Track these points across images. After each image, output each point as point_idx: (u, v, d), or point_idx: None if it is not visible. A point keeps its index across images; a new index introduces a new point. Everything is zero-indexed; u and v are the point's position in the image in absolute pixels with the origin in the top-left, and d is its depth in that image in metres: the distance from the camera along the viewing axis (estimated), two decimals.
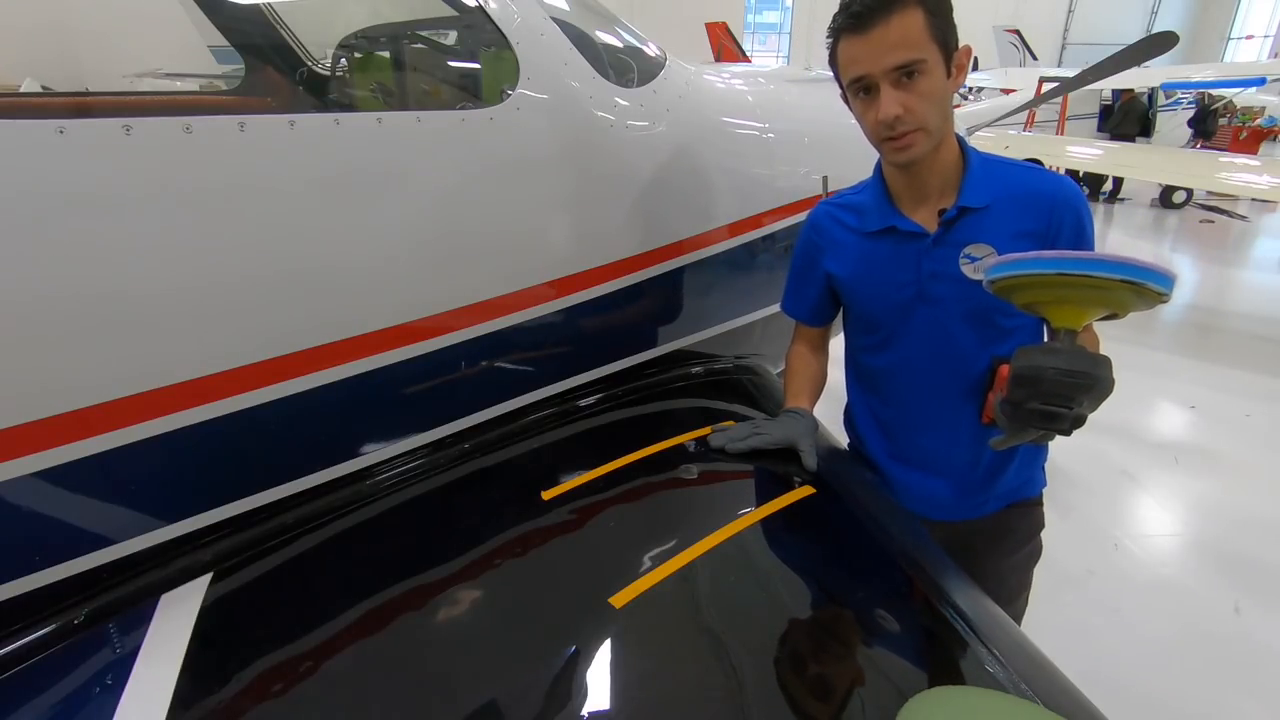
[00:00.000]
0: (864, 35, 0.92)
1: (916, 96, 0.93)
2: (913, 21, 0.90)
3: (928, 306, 1.09)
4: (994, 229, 1.03)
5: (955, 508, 1.20)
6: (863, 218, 1.13)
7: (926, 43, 0.91)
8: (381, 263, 1.01)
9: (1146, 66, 7.54)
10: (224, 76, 2.28)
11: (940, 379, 1.12)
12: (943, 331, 1.09)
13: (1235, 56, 19.81)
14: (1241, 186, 5.48)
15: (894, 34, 0.90)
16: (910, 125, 0.94)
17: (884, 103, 0.93)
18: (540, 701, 0.74)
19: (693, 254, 1.45)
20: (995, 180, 1.04)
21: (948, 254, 1.05)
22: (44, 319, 0.76)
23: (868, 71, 0.93)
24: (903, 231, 1.07)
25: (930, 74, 0.93)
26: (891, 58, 0.91)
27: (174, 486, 0.92)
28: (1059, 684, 0.77)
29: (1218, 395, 3.85)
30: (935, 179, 1.05)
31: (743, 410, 1.43)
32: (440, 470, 1.15)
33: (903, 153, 0.98)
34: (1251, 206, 9.06)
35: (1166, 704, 1.95)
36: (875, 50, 0.92)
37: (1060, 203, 1.03)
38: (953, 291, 1.05)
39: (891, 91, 0.93)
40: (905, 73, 0.92)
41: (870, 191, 1.14)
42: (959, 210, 1.03)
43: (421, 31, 1.77)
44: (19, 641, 0.82)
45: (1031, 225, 1.03)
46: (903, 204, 1.09)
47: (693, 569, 0.89)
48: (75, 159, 0.75)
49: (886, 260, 1.10)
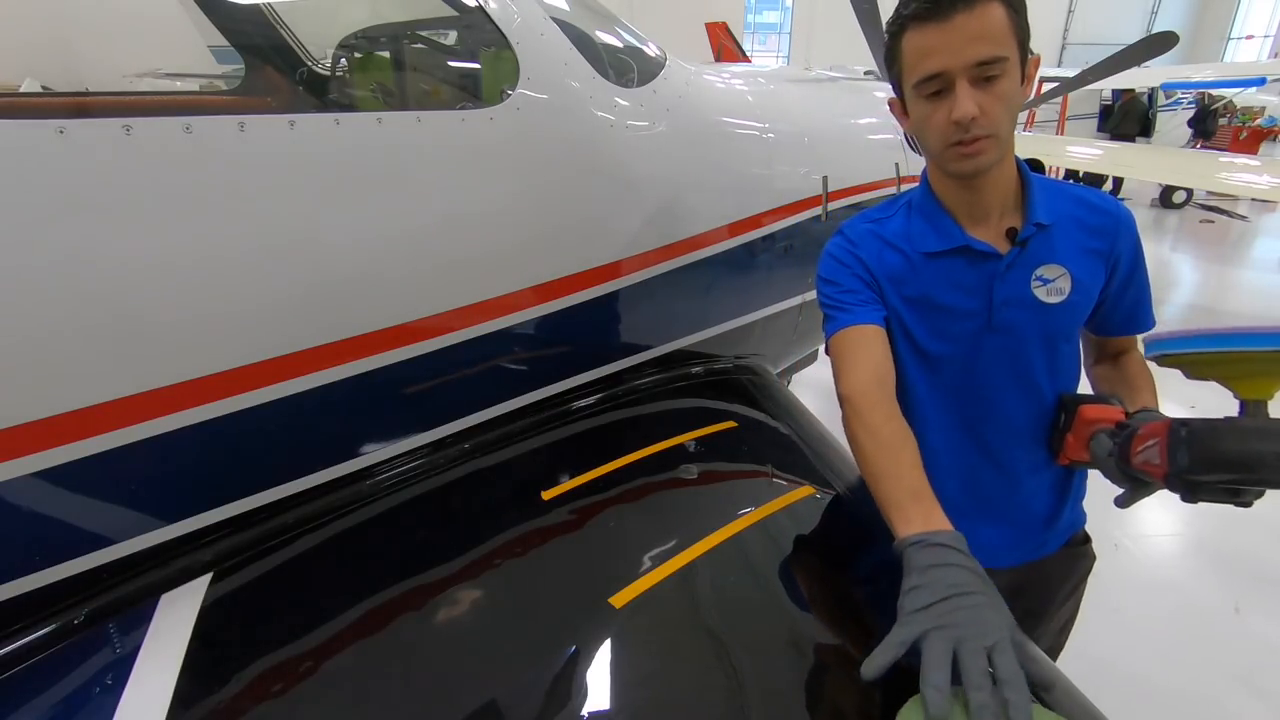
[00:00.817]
0: (943, 24, 0.82)
1: (994, 98, 0.83)
2: (997, 14, 0.81)
3: (998, 335, 0.98)
4: (1063, 249, 0.96)
5: (1013, 552, 1.11)
6: (914, 237, 0.99)
7: (1009, 40, 0.83)
8: (382, 263, 1.01)
9: (1146, 66, 7.55)
10: (224, 76, 2.28)
11: (1009, 416, 1.02)
12: (1014, 363, 0.99)
13: (1235, 56, 19.80)
14: (1241, 186, 5.47)
15: (978, 24, 0.81)
16: (984, 130, 0.84)
17: (960, 100, 0.83)
18: (540, 701, 0.74)
19: (693, 254, 1.45)
20: (1054, 199, 0.97)
21: (1020, 276, 0.95)
22: (44, 319, 0.76)
23: (946, 66, 0.83)
24: (975, 252, 0.95)
25: (1009, 76, 0.84)
26: (974, 51, 0.81)
27: (174, 486, 0.92)
28: (1059, 684, 0.77)
29: (1218, 395, 3.83)
30: (997, 195, 0.95)
31: (743, 410, 1.43)
32: (440, 470, 1.15)
33: (970, 160, 0.87)
34: (1251, 206, 9.06)
35: (1167, 704, 1.95)
36: (956, 41, 0.81)
37: (1124, 225, 0.98)
38: (1024, 318, 0.96)
39: (969, 89, 0.83)
40: (986, 70, 0.82)
41: (918, 210, 1.01)
42: (1035, 228, 0.94)
43: (421, 31, 1.77)
44: (19, 641, 0.82)
45: (1098, 244, 0.97)
46: (962, 224, 0.97)
47: (692, 569, 0.90)
48: (75, 159, 0.75)
49: (951, 285, 0.98)
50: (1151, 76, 9.43)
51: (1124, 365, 1.09)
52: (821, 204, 1.74)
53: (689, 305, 1.51)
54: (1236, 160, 6.24)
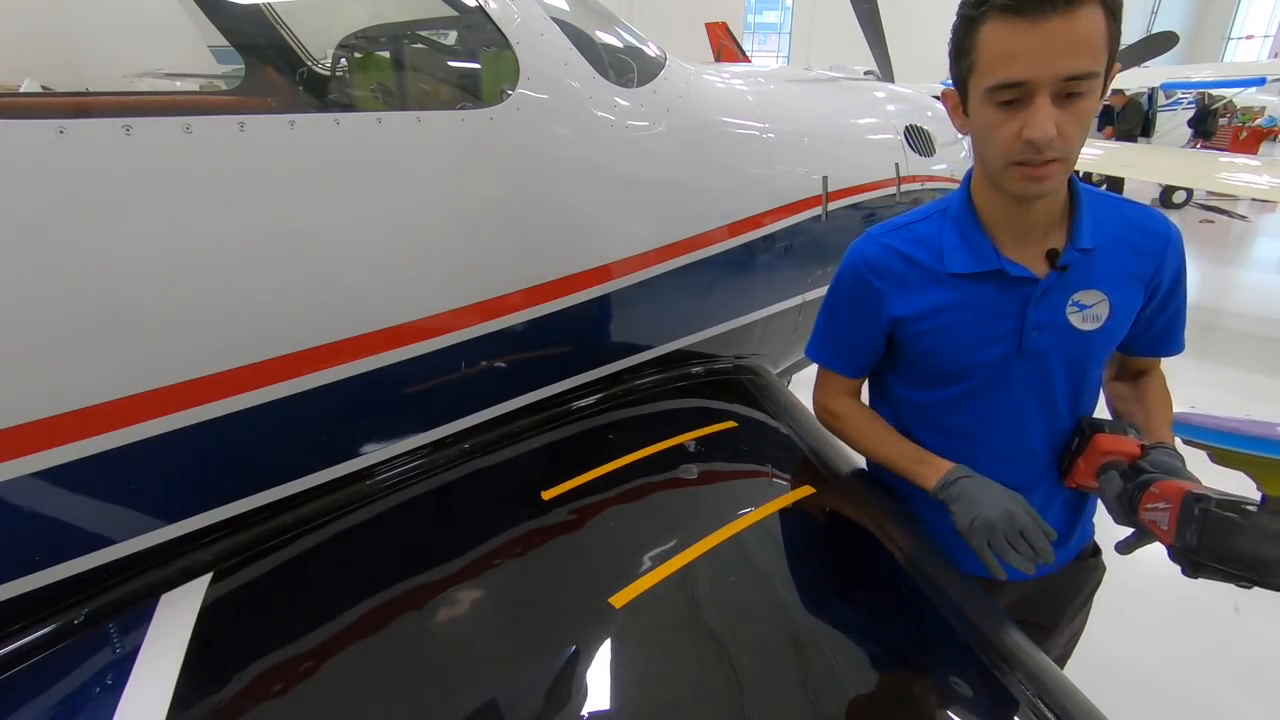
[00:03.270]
0: (1036, 23, 0.71)
1: (1074, 119, 0.75)
2: (1097, 21, 0.71)
3: (1026, 361, 0.93)
4: (1104, 273, 0.90)
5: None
6: (944, 255, 0.93)
7: (1104, 52, 0.73)
8: (381, 263, 1.01)
9: (1146, 66, 7.55)
10: (224, 76, 2.28)
11: (1029, 440, 0.98)
12: (1041, 389, 0.95)
13: (1235, 56, 19.81)
14: (1241, 186, 5.48)
15: (1076, 31, 0.71)
16: (1058, 153, 0.76)
17: (1040, 118, 0.73)
18: (540, 701, 0.74)
19: (693, 254, 1.45)
20: (1101, 217, 0.91)
21: (1056, 301, 0.90)
22: (44, 319, 0.76)
23: (1031, 75, 0.73)
24: (1011, 277, 0.89)
25: (1095, 94, 0.75)
26: (1067, 63, 0.72)
27: (174, 486, 0.92)
28: (1059, 683, 0.77)
29: (1218, 395, 3.84)
30: (1044, 215, 0.88)
31: (743, 410, 1.43)
32: (440, 470, 1.15)
33: (1036, 184, 0.79)
34: (1251, 206, 9.06)
35: (1167, 704, 1.95)
36: (1049, 47, 0.71)
37: (1173, 247, 0.93)
38: (1054, 343, 0.91)
39: (1050, 106, 0.73)
40: (1074, 87, 0.73)
41: (952, 221, 0.94)
42: (1077, 253, 0.88)
43: (421, 31, 1.77)
44: (19, 641, 0.82)
45: (1141, 268, 0.92)
46: (1000, 241, 0.91)
47: (692, 569, 0.90)
48: (75, 159, 0.75)
49: (982, 308, 0.92)
50: (1151, 76, 9.42)
51: (1144, 387, 1.06)
52: (821, 204, 1.74)
53: (689, 305, 1.51)
54: (1236, 160, 6.25)
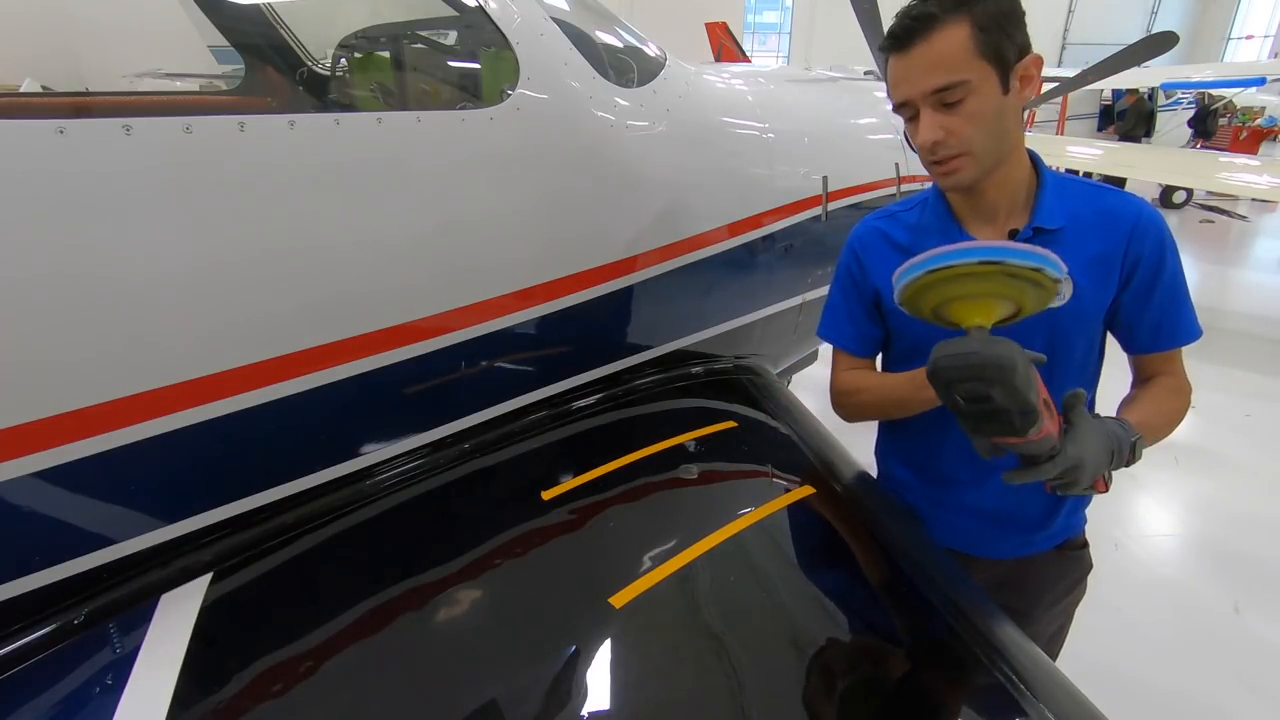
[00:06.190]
0: (905, 55, 0.87)
1: (961, 119, 0.87)
2: (955, 39, 0.84)
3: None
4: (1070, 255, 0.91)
5: (997, 545, 1.13)
6: (919, 237, 1.03)
7: (971, 61, 0.85)
8: (381, 263, 1.01)
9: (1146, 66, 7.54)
10: (224, 76, 2.28)
11: None
12: None
13: (1235, 56, 19.79)
14: (1241, 186, 5.48)
15: (934, 53, 0.85)
16: (953, 150, 0.89)
17: (921, 128, 0.88)
18: (540, 701, 0.74)
19: (693, 254, 1.45)
20: (1070, 201, 0.97)
21: None
22: (44, 319, 0.76)
23: (908, 96, 0.89)
24: None
25: (977, 93, 0.86)
26: (929, 80, 0.86)
27: (174, 486, 0.92)
28: (1059, 683, 0.77)
29: (1218, 395, 3.85)
30: (1003, 198, 0.97)
31: (743, 410, 1.43)
32: (440, 470, 1.15)
33: (948, 177, 0.93)
34: (1251, 206, 9.06)
35: (1167, 704, 1.95)
36: (914, 72, 0.87)
37: (1140, 228, 0.95)
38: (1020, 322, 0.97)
39: (931, 115, 0.88)
40: (946, 96, 0.86)
41: (929, 208, 1.05)
42: (1032, 231, 0.95)
43: (421, 31, 1.77)
44: (19, 641, 0.82)
45: (1108, 249, 0.96)
46: (968, 224, 1.01)
47: (692, 569, 0.90)
48: (75, 159, 0.75)
49: None
50: (1151, 76, 9.42)
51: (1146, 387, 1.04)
52: (821, 204, 1.74)
53: (689, 305, 1.51)
54: (1236, 160, 6.26)
